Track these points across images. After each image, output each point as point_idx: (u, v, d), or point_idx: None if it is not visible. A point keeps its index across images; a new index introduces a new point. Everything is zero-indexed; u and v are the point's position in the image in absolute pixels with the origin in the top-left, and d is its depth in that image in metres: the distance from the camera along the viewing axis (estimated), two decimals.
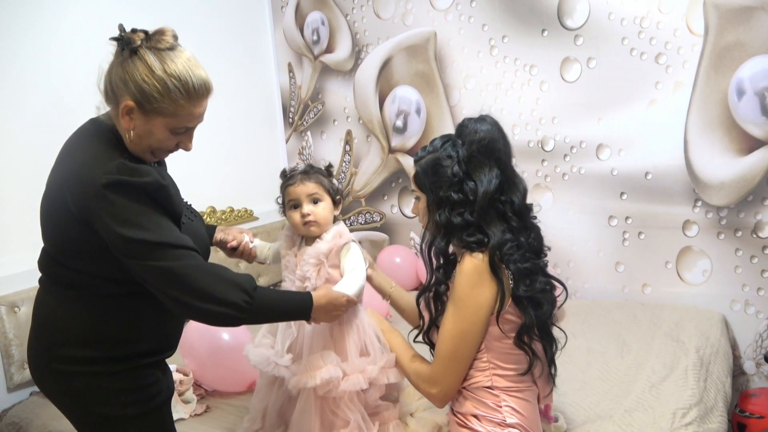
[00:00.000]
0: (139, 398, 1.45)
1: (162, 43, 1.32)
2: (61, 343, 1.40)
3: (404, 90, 3.50)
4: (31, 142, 2.51)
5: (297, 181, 1.76)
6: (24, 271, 2.37)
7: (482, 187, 1.42)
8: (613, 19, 2.84)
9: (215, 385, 2.30)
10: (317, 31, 3.75)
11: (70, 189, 1.31)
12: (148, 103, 1.30)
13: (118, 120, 1.35)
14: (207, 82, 1.37)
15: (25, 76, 2.52)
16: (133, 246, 1.28)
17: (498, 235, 1.42)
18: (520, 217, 1.48)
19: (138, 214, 1.29)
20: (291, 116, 3.96)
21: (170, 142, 1.39)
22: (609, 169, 2.96)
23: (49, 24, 2.61)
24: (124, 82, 1.30)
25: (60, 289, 1.42)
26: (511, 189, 1.47)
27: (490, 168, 1.44)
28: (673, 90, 2.76)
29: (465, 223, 1.44)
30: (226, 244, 1.81)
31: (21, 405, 2.33)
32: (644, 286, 2.97)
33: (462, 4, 3.22)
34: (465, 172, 1.45)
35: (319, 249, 1.72)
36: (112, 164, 1.28)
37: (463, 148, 1.46)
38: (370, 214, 3.77)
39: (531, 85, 3.09)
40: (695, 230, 2.81)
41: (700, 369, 2.19)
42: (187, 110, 1.34)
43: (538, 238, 1.52)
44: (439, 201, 1.47)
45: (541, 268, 1.50)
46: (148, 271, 1.30)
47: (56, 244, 1.41)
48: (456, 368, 1.46)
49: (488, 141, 1.44)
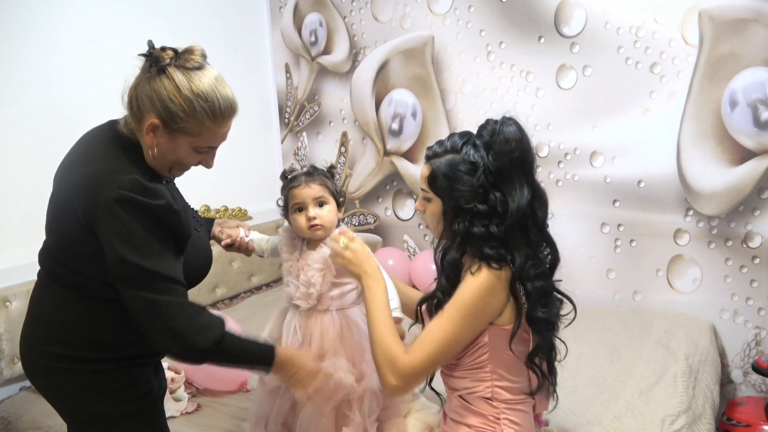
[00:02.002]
0: (130, 397, 1.46)
1: (190, 62, 1.31)
2: (54, 340, 1.41)
3: (401, 93, 3.52)
4: (30, 138, 2.51)
5: (302, 183, 1.70)
6: (17, 266, 2.36)
7: (514, 204, 1.33)
8: (609, 27, 2.87)
9: (206, 383, 2.30)
10: (315, 33, 3.76)
11: (80, 195, 1.31)
12: (174, 122, 1.30)
13: (141, 135, 1.34)
14: (233, 102, 1.36)
15: (25, 72, 2.51)
16: (127, 269, 1.28)
17: (522, 252, 1.34)
18: (541, 231, 1.41)
19: (141, 237, 1.28)
20: (287, 117, 3.97)
21: (192, 160, 1.40)
22: (602, 177, 2.98)
23: (50, 23, 2.61)
24: (151, 99, 1.29)
25: (58, 287, 1.42)
26: (535, 200, 1.39)
27: (521, 183, 1.35)
28: (667, 99, 2.79)
29: (488, 235, 1.35)
30: (220, 240, 1.81)
31: (10, 400, 2.32)
32: (635, 293, 3.00)
33: (460, 9, 3.24)
34: (491, 183, 1.35)
35: (324, 254, 1.67)
36: (125, 179, 1.28)
37: (490, 156, 1.35)
38: (364, 216, 3.78)
39: (527, 91, 3.12)
40: (686, 239, 2.84)
41: (689, 376, 2.21)
42: (212, 130, 1.35)
43: (555, 253, 1.45)
44: (458, 210, 1.38)
45: (554, 286, 1.43)
46: (134, 298, 1.30)
47: (59, 244, 1.41)
48: (431, 370, 1.40)
49: (520, 153, 1.35)
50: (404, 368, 1.35)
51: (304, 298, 1.67)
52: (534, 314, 1.34)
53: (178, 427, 2.05)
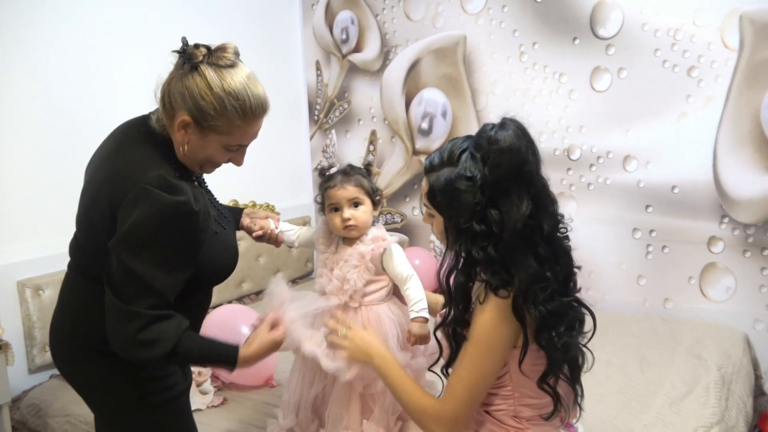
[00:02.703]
0: (156, 388, 1.46)
1: (223, 60, 1.30)
2: (82, 332, 1.42)
3: (431, 92, 3.50)
4: (64, 127, 2.55)
5: (337, 184, 1.73)
6: (50, 255, 2.39)
7: (510, 220, 1.22)
8: (646, 30, 2.82)
9: (232, 378, 2.31)
10: (346, 30, 3.76)
11: (110, 188, 1.31)
12: (204, 120, 1.30)
13: (173, 131, 1.35)
14: (264, 101, 1.36)
15: (60, 63, 2.55)
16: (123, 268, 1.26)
17: (523, 274, 1.23)
18: (550, 244, 1.28)
19: (144, 236, 1.26)
20: (316, 114, 3.97)
21: (223, 158, 1.40)
22: (635, 181, 2.93)
23: (87, 18, 2.64)
24: (183, 96, 1.29)
25: (87, 279, 1.43)
26: (540, 212, 1.26)
27: (519, 195, 1.23)
28: (705, 104, 2.73)
29: (488, 259, 1.25)
30: (251, 231, 1.81)
31: (41, 387, 2.35)
32: (666, 301, 2.94)
33: (494, 9, 3.21)
34: (489, 198, 1.24)
35: (360, 250, 1.71)
36: (153, 174, 1.27)
37: (486, 168, 1.23)
38: (391, 215, 3.77)
39: (559, 93, 3.08)
40: (721, 247, 2.78)
41: (722, 387, 2.16)
42: (243, 129, 1.34)
43: (567, 266, 1.33)
44: (458, 230, 1.29)
45: (569, 304, 1.32)
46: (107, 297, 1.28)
47: (88, 237, 1.42)
48: (469, 409, 1.33)
49: (518, 163, 1.22)
50: (442, 412, 1.32)
51: (337, 292, 1.71)
52: (539, 340, 1.26)
53: (204, 420, 2.06)
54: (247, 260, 3.30)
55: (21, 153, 2.45)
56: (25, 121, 2.46)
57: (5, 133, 2.40)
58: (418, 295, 1.68)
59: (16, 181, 2.43)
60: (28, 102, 2.47)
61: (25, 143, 2.46)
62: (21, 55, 2.44)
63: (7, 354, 2.13)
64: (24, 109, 2.45)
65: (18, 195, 2.44)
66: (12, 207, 2.42)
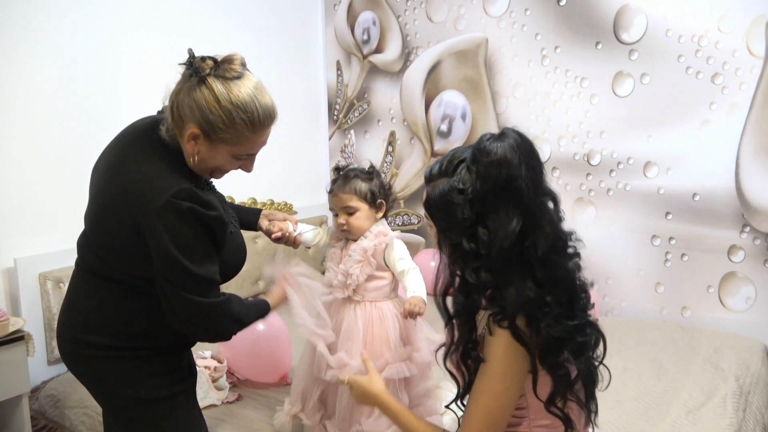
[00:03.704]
0: (164, 382, 1.49)
1: (230, 72, 1.32)
2: (90, 329, 1.44)
3: (451, 94, 3.50)
4: (84, 120, 2.58)
5: (334, 190, 1.84)
6: (71, 248, 2.39)
7: (497, 239, 1.13)
8: (670, 35, 2.79)
9: (248, 374, 2.33)
10: (368, 31, 3.77)
11: (128, 200, 1.34)
12: (213, 132, 1.33)
13: (183, 141, 1.37)
14: (272, 111, 1.38)
15: (85, 60, 2.58)
16: (178, 272, 1.33)
17: (515, 299, 1.14)
18: (547, 266, 1.17)
19: (195, 243, 1.34)
20: (336, 114, 3.98)
21: (232, 166, 1.43)
22: (656, 188, 2.91)
23: (111, 21, 2.68)
24: (191, 109, 1.32)
25: (95, 278, 1.45)
26: (534, 231, 1.16)
27: (508, 211, 1.14)
28: (728, 111, 2.70)
29: (481, 284, 1.17)
30: (270, 233, 1.83)
31: (59, 378, 2.38)
32: (684, 309, 2.92)
33: (516, 12, 3.20)
34: (478, 213, 1.15)
35: (363, 246, 1.80)
36: (181, 188, 1.31)
37: (477, 181, 1.15)
38: (408, 216, 3.77)
39: (581, 97, 3.06)
40: (741, 256, 2.75)
41: (739, 398, 2.14)
42: (251, 140, 1.37)
43: (569, 287, 1.21)
44: (452, 246, 1.21)
45: (576, 327, 1.20)
46: (180, 298, 1.36)
47: (99, 240, 1.44)
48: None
49: (506, 178, 1.13)
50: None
51: (341, 286, 1.80)
52: (544, 364, 1.18)
53: (219, 415, 2.08)
54: (264, 258, 3.31)
55: (44, 148, 2.49)
56: (46, 117, 2.50)
57: (28, 129, 2.44)
58: (418, 286, 1.73)
59: (38, 175, 2.47)
60: (50, 96, 2.50)
61: (47, 138, 2.50)
62: (40, 48, 2.48)
63: (28, 345, 2.16)
64: (46, 104, 2.49)
65: (40, 189, 2.48)
66: (34, 200, 2.46)
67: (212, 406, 2.14)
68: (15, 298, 2.42)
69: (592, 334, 1.24)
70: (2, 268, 2.41)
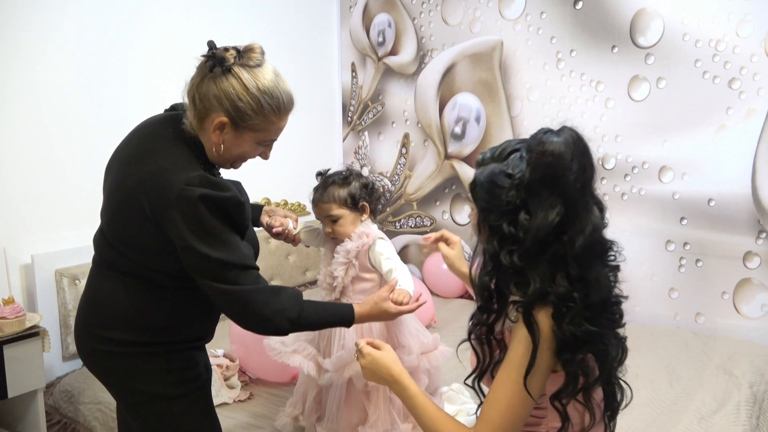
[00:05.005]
0: (181, 378, 1.49)
1: (253, 60, 1.35)
2: (109, 325, 1.45)
3: (465, 97, 3.50)
4: (104, 115, 2.61)
5: (314, 200, 1.85)
6: (87, 245, 2.42)
7: (535, 225, 1.15)
8: (687, 40, 2.78)
9: (259, 373, 2.34)
10: (383, 33, 3.78)
11: (147, 191, 1.34)
12: (242, 120, 1.35)
13: (204, 132, 1.39)
14: (292, 96, 1.41)
15: (105, 57, 2.61)
16: (202, 262, 1.33)
17: (537, 284, 1.15)
18: (582, 265, 1.17)
19: (214, 229, 1.33)
20: (350, 115, 4.00)
21: (255, 153, 1.45)
22: (671, 193, 2.89)
23: (128, 17, 2.71)
24: (218, 99, 1.33)
25: (113, 273, 1.46)
26: (574, 228, 1.17)
27: (551, 202, 1.15)
28: (746, 117, 2.68)
29: (512, 267, 1.18)
30: (271, 228, 1.85)
31: (74, 374, 2.41)
32: (698, 315, 2.89)
33: (532, 15, 3.20)
34: (522, 199, 1.17)
35: (345, 248, 1.80)
36: (193, 175, 1.32)
37: (528, 169, 1.18)
38: (421, 218, 3.77)
39: (596, 101, 3.05)
40: (757, 262, 2.72)
41: (753, 406, 2.12)
42: (276, 125, 1.40)
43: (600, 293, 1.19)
44: (490, 228, 1.23)
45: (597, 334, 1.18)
46: (212, 289, 1.36)
47: (118, 234, 1.45)
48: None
49: (556, 169, 1.15)
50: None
51: (329, 288, 1.82)
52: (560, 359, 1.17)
53: (231, 414, 2.10)
54: (277, 258, 3.34)
55: (60, 145, 2.52)
56: (63, 114, 2.53)
57: (45, 126, 2.48)
58: (405, 281, 1.67)
59: (55, 172, 2.50)
60: (66, 93, 2.54)
61: (64, 135, 2.53)
62: (59, 44, 2.51)
63: (44, 341, 2.19)
64: (63, 100, 2.53)
65: (57, 186, 2.51)
66: (51, 197, 2.49)
67: (224, 405, 2.16)
68: (32, 294, 2.45)
69: (617, 347, 1.23)
70: (19, 264, 2.44)
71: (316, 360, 1.81)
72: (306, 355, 1.83)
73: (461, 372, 2.24)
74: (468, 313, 1.36)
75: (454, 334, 2.76)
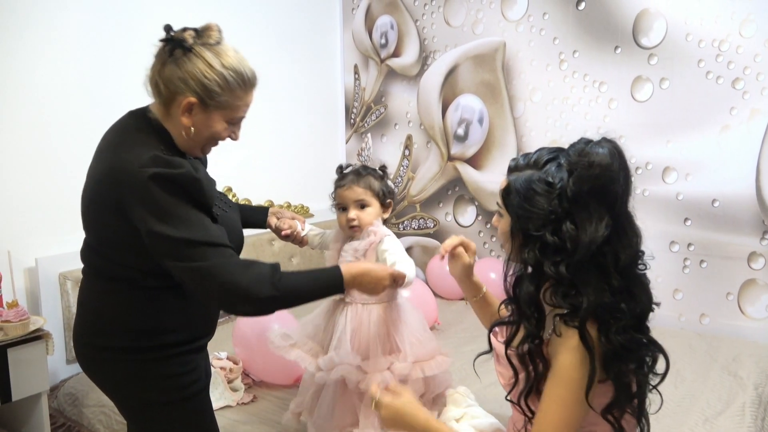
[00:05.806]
0: (179, 383, 1.48)
1: (212, 38, 1.36)
2: (102, 333, 1.45)
3: (468, 99, 3.49)
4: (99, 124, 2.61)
5: (347, 184, 1.82)
6: None
7: (586, 238, 1.14)
8: (690, 40, 2.77)
9: (263, 376, 2.34)
10: (386, 35, 3.78)
11: (110, 183, 1.33)
12: (210, 98, 1.34)
13: (171, 118, 1.37)
14: (254, 71, 1.41)
15: (104, 61, 2.62)
16: (163, 242, 1.28)
17: (593, 299, 1.14)
18: (625, 277, 1.18)
19: (172, 207, 1.29)
20: (353, 117, 4.00)
21: (225, 133, 1.43)
22: (674, 194, 2.88)
23: (130, 14, 2.71)
24: (183, 80, 1.33)
25: (102, 281, 1.46)
26: (620, 240, 1.18)
27: (600, 215, 1.15)
28: (749, 117, 2.68)
29: (559, 278, 1.17)
30: (279, 230, 1.85)
31: (78, 377, 2.41)
32: (702, 316, 2.88)
33: (534, 16, 3.19)
34: (567, 211, 1.17)
35: (354, 246, 1.79)
36: (147, 157, 1.29)
37: (571, 179, 1.17)
38: (424, 220, 3.77)
39: (599, 102, 3.05)
40: (761, 263, 2.71)
41: (758, 407, 2.11)
42: (243, 100, 1.40)
43: (644, 303, 1.21)
44: (526, 236, 1.22)
45: (641, 341, 1.20)
46: (180, 270, 1.31)
47: (96, 236, 1.44)
48: None
49: (605, 181, 1.15)
50: None
51: None
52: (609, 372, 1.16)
53: (234, 416, 2.10)
54: (281, 260, 3.34)
55: (64, 148, 2.52)
56: (66, 117, 2.53)
57: (48, 129, 2.48)
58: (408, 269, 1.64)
59: (59, 175, 2.50)
60: (69, 96, 2.54)
61: (67, 138, 2.53)
62: (61, 47, 2.51)
63: (48, 343, 2.19)
64: (66, 104, 2.53)
65: (60, 189, 2.51)
66: (55, 200, 2.49)
67: (227, 407, 2.16)
68: (35, 297, 2.46)
69: (656, 353, 1.24)
70: (23, 267, 2.45)
71: (316, 356, 1.80)
72: (307, 351, 1.81)
73: (464, 375, 2.24)
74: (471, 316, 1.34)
75: (458, 335, 2.77)
